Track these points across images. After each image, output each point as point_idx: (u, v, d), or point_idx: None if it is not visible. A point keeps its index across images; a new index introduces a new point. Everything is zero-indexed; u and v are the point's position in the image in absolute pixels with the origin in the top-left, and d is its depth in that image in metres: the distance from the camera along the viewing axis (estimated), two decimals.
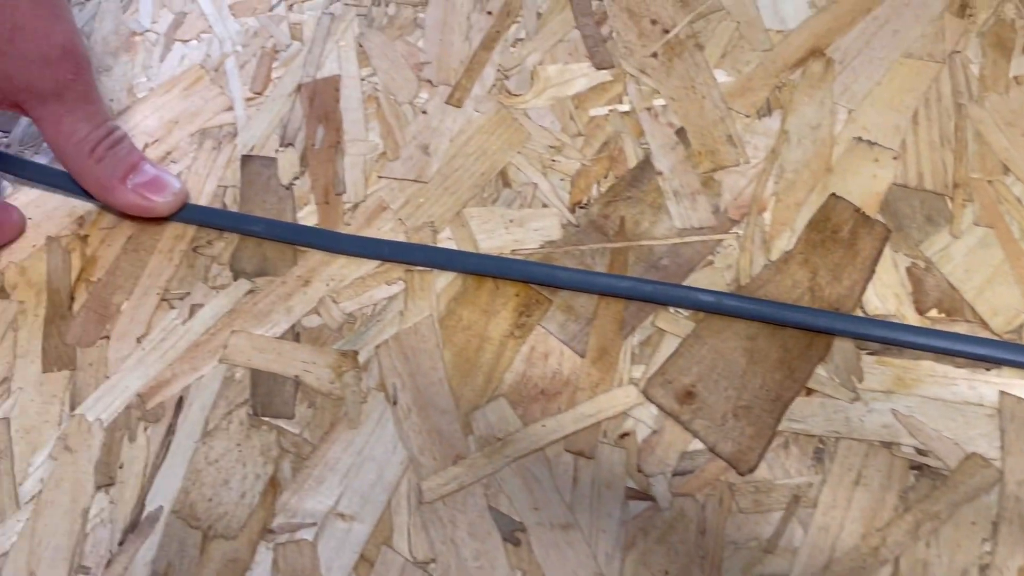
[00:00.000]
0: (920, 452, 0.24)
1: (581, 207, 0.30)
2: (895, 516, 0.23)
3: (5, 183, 0.32)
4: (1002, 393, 0.25)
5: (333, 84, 0.33)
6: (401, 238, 0.29)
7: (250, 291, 0.28)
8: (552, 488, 0.24)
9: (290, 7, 0.35)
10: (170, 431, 0.26)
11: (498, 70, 0.33)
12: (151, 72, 0.34)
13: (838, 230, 0.28)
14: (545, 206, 0.30)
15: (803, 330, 0.26)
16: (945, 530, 0.23)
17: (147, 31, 0.35)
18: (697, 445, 0.25)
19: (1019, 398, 0.25)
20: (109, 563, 0.24)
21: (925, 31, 0.33)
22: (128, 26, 0.36)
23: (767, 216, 0.29)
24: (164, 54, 0.35)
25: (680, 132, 0.31)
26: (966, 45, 0.32)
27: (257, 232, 0.29)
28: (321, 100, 0.33)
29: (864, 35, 0.33)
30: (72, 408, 0.26)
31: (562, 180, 0.30)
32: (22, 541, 0.24)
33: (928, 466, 0.24)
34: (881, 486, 0.24)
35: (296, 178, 0.31)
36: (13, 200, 0.31)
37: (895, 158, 0.30)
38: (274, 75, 0.34)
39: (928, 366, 0.26)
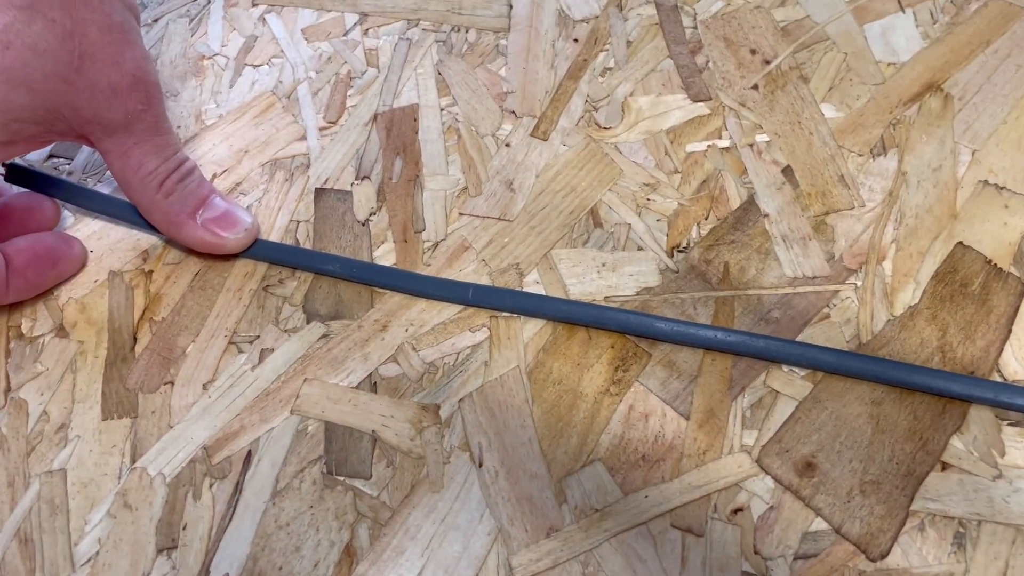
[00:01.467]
0: None
1: (680, 251, 0.27)
2: None
3: (67, 213, 0.30)
4: None
5: (411, 114, 0.31)
6: (485, 281, 0.27)
7: (324, 335, 0.26)
8: (658, 569, 0.22)
9: (365, 32, 0.34)
10: (237, 489, 0.24)
11: (586, 101, 0.31)
12: (220, 98, 0.32)
13: (968, 283, 0.26)
14: (640, 249, 0.27)
15: (935, 395, 0.24)
16: None
17: (216, 55, 0.34)
18: (821, 525, 0.22)
19: None
20: None
21: None
22: (196, 49, 0.34)
23: (887, 266, 0.26)
24: (234, 79, 0.33)
25: (786, 171, 0.29)
26: None
27: (331, 271, 0.27)
28: (399, 131, 0.31)
29: (985, 69, 0.30)
30: (133, 460, 0.24)
31: (658, 221, 0.28)
32: None
33: None
34: None
35: (373, 214, 0.29)
36: (75, 232, 0.30)
37: None
38: (349, 103, 0.32)
39: None
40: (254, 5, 0.35)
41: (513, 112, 0.31)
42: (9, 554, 0.23)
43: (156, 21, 0.35)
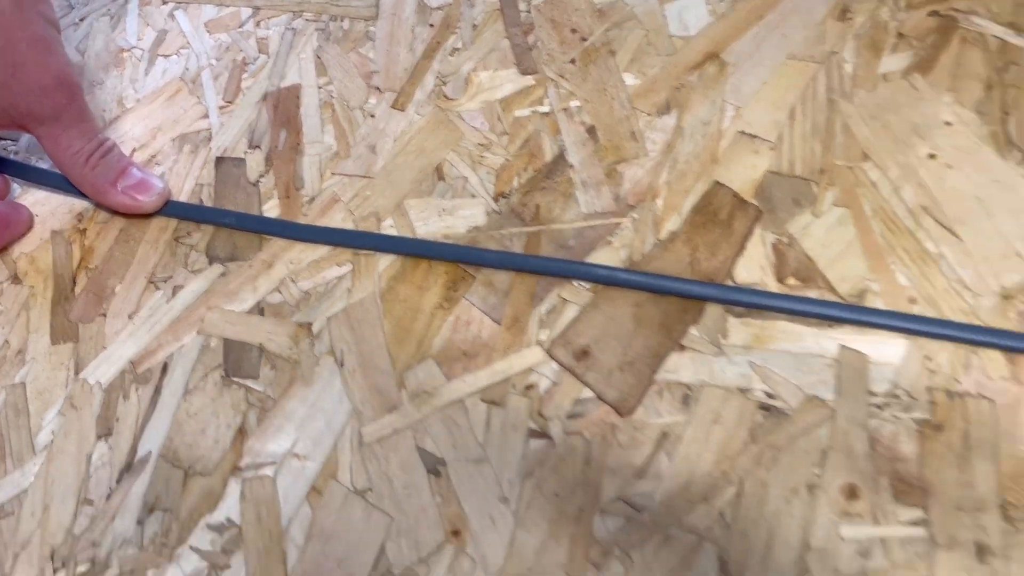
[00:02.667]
0: (769, 396, 0.30)
1: (503, 197, 0.35)
2: (743, 447, 0.28)
3: (15, 185, 0.37)
4: (841, 346, 0.30)
5: (294, 92, 0.38)
6: (350, 226, 0.35)
7: (223, 274, 0.34)
8: (468, 431, 0.30)
9: (257, 24, 0.41)
10: (157, 391, 0.31)
11: (437, 77, 0.38)
12: (137, 85, 0.39)
13: (718, 212, 0.34)
14: (473, 197, 0.35)
15: (681, 297, 0.32)
16: (783, 457, 0.28)
17: (133, 48, 0.41)
18: (588, 394, 0.30)
19: (855, 350, 0.30)
20: (109, 497, 0.29)
21: (808, 35, 0.38)
22: (117, 43, 0.41)
23: (659, 202, 0.34)
24: (148, 68, 0.40)
25: (591, 130, 0.36)
26: (843, 46, 0.37)
27: (229, 224, 0.35)
28: (284, 107, 0.38)
29: (755, 40, 0.38)
30: (76, 373, 0.32)
31: (488, 173, 0.35)
32: (38, 481, 0.30)
33: (774, 407, 0.29)
34: (734, 424, 0.29)
35: (262, 176, 0.36)
36: (22, 200, 0.37)
37: (772, 149, 0.35)
38: (244, 85, 0.39)
39: (782, 325, 0.31)
40: (164, 3, 0.42)
41: (378, 88, 0.39)
42: None
43: (83, 20, 0.42)
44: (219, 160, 0.37)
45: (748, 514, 0.27)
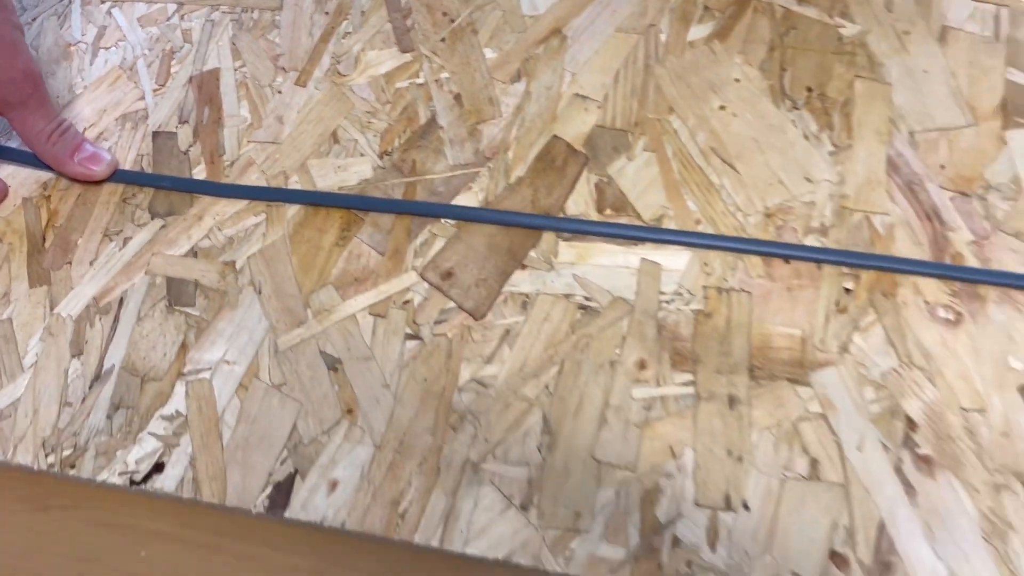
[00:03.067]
0: (586, 299, 0.39)
1: (387, 155, 0.44)
2: (565, 337, 0.38)
3: None
4: (642, 259, 0.40)
5: (215, 75, 0.47)
6: (263, 183, 0.43)
7: (163, 226, 0.43)
8: (359, 337, 0.39)
9: (182, 17, 0.49)
10: (116, 320, 0.40)
11: (332, 57, 0.47)
12: (84, 74, 0.47)
13: (555, 160, 0.43)
14: (362, 155, 0.44)
15: (524, 228, 0.41)
16: (594, 343, 0.38)
17: (79, 42, 0.49)
18: (451, 305, 0.39)
19: (652, 261, 0.39)
20: (83, 400, 0.39)
21: (634, 10, 0.47)
22: (64, 39, 0.49)
23: (510, 154, 0.43)
24: (92, 60, 0.48)
25: (457, 97, 0.45)
26: (660, 19, 0.46)
27: (166, 186, 0.43)
28: (207, 87, 0.47)
29: (591, 16, 0.47)
30: (51, 309, 0.41)
31: (374, 136, 0.44)
32: (28, 391, 0.39)
33: (590, 307, 0.39)
34: (559, 320, 0.39)
35: (190, 146, 0.45)
36: None
37: (599, 107, 0.44)
38: (172, 71, 0.47)
39: (599, 246, 0.40)
40: (103, 2, 0.50)
41: (283, 68, 0.47)
42: None
43: (34, 20, 0.50)
44: (155, 134, 0.45)
45: (566, 385, 0.37)
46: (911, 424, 0.34)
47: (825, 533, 0.32)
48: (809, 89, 0.43)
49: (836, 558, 0.32)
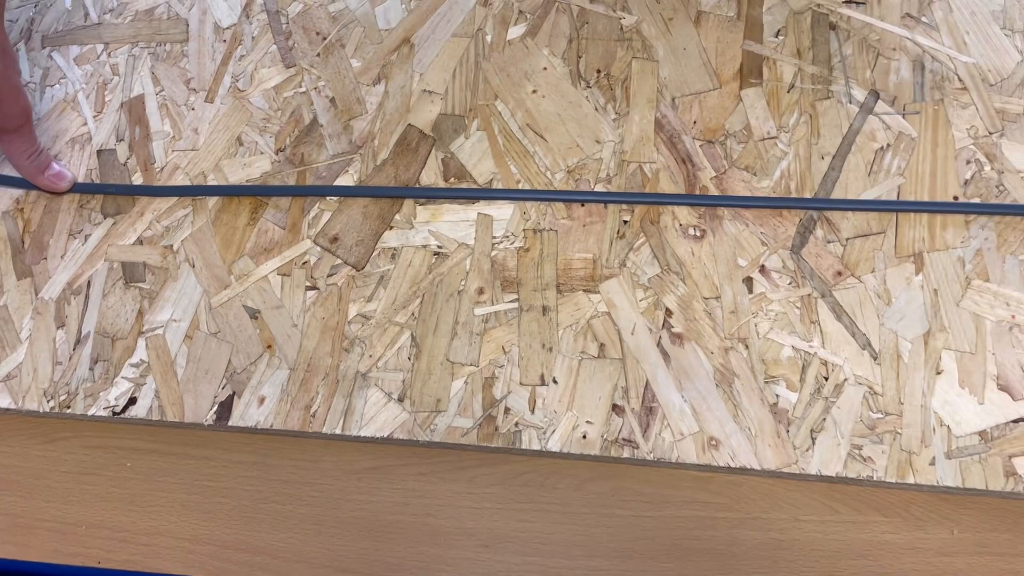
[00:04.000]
0: (439, 247, 0.53)
1: (281, 151, 0.57)
2: (424, 276, 0.52)
3: None
4: (479, 213, 0.54)
5: (141, 100, 0.59)
6: (187, 183, 0.56)
7: (114, 223, 0.56)
8: (271, 292, 0.53)
9: (109, 54, 0.61)
10: (86, 297, 0.54)
11: (232, 77, 0.60)
12: (37, 108, 0.60)
13: (410, 144, 0.56)
14: (262, 153, 0.57)
15: (389, 198, 0.55)
16: (446, 279, 0.51)
17: (28, 83, 0.61)
18: (338, 262, 0.53)
19: (486, 214, 0.53)
20: (70, 359, 0.52)
21: (465, 18, 0.60)
22: None
23: (376, 142, 0.57)
24: (41, 96, 0.60)
25: (332, 100, 0.58)
26: (486, 24, 0.59)
27: (112, 191, 0.56)
28: (136, 110, 0.59)
29: (432, 26, 0.60)
30: (36, 295, 0.54)
31: (270, 137, 0.57)
32: (27, 357, 0.52)
33: (441, 252, 0.53)
34: (419, 265, 0.52)
35: (128, 159, 0.58)
36: None
37: (441, 99, 0.57)
38: (107, 99, 0.60)
39: (447, 206, 0.54)
40: (43, 48, 0.62)
41: (194, 89, 0.60)
42: None
43: None
44: (99, 152, 0.58)
45: (426, 311, 0.51)
46: (668, 312, 0.49)
47: (609, 393, 0.47)
48: (599, 71, 0.56)
49: (616, 408, 0.47)
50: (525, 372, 0.47)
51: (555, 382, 0.47)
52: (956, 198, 0.49)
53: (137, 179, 0.55)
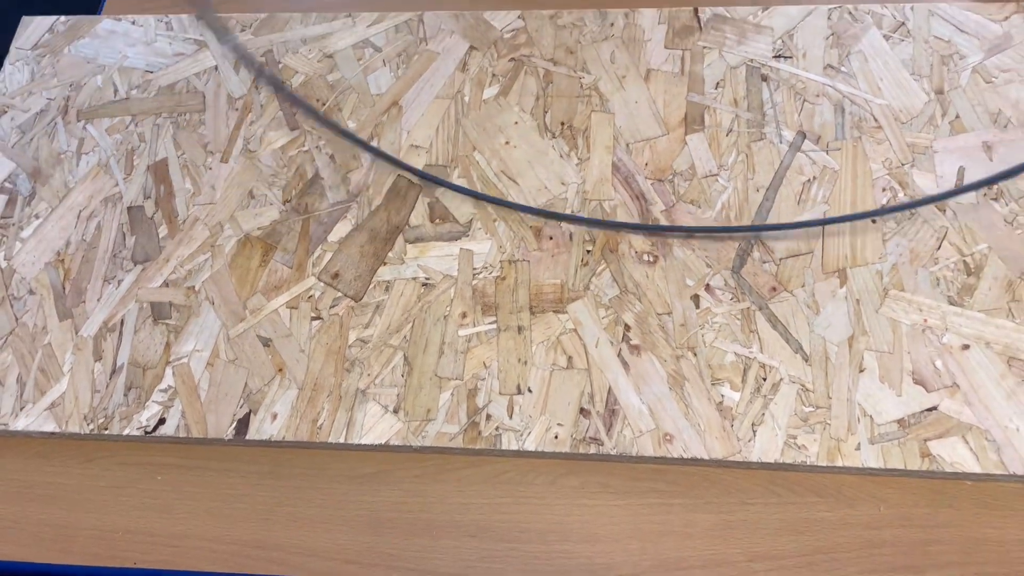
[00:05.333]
0: (427, 279, 0.61)
1: (288, 202, 0.65)
2: (415, 303, 0.60)
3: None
4: (461, 248, 0.61)
5: (165, 162, 0.68)
6: (207, 234, 0.65)
7: (143, 269, 0.64)
8: (281, 323, 0.60)
9: (136, 124, 0.70)
10: (120, 334, 0.61)
11: (244, 139, 0.68)
12: (74, 173, 0.68)
13: (400, 191, 0.65)
14: (271, 204, 0.65)
15: (384, 239, 0.63)
16: (432, 305, 0.59)
17: (66, 151, 0.70)
18: (339, 295, 0.61)
19: (468, 249, 0.61)
20: (107, 386, 0.59)
21: (446, 83, 0.69)
22: (56, 150, 0.70)
23: (371, 191, 0.65)
24: (78, 162, 0.69)
25: (332, 157, 0.67)
26: (464, 87, 0.68)
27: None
28: (161, 172, 0.68)
29: (417, 89, 0.69)
30: (76, 333, 0.62)
31: (278, 190, 0.66)
32: (70, 387, 0.60)
33: (429, 283, 0.60)
34: (410, 295, 0.60)
35: (155, 213, 0.66)
36: (28, 246, 0.66)
37: (427, 152, 0.66)
38: (135, 163, 0.68)
39: (433, 244, 0.62)
40: (78, 120, 0.71)
41: (211, 151, 0.68)
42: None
43: (31, 140, 0.71)
44: (129, 208, 0.66)
45: (417, 334, 0.58)
46: (627, 327, 0.56)
47: (577, 398, 0.54)
48: (563, 123, 0.65)
49: (583, 411, 0.54)
50: (504, 383, 0.55)
51: (530, 391, 0.54)
52: (874, 221, 0.57)
53: (163, 231, 0.63)
